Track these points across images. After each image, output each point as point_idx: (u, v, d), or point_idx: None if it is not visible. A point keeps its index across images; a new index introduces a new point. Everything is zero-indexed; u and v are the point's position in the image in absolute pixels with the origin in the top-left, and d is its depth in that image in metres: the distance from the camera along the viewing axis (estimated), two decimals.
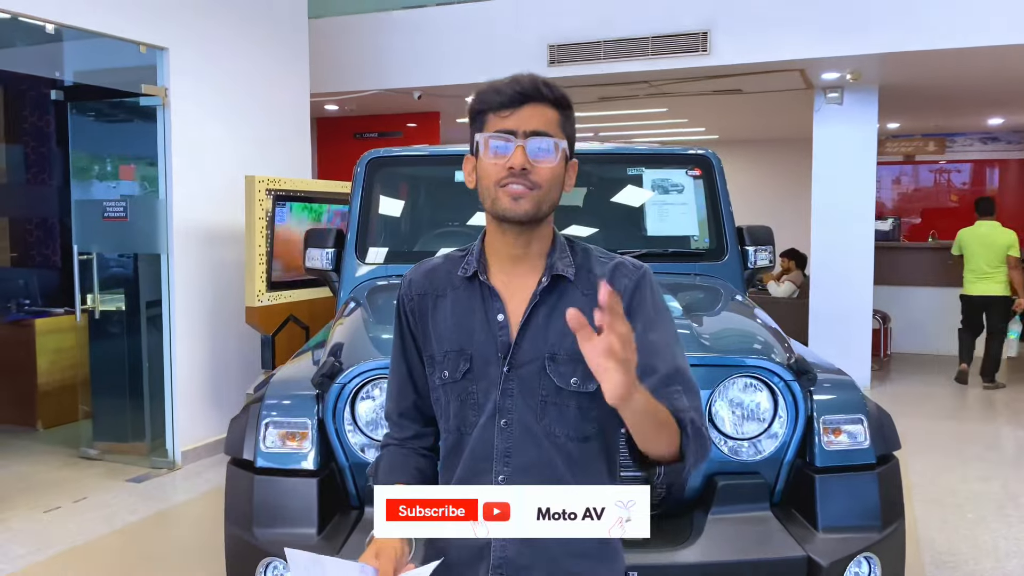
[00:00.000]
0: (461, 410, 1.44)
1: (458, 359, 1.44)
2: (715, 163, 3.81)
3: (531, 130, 1.36)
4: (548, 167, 1.37)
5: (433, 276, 1.51)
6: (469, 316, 1.45)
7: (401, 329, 1.53)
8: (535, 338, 1.41)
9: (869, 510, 2.33)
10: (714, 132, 12.13)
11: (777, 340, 2.64)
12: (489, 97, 1.39)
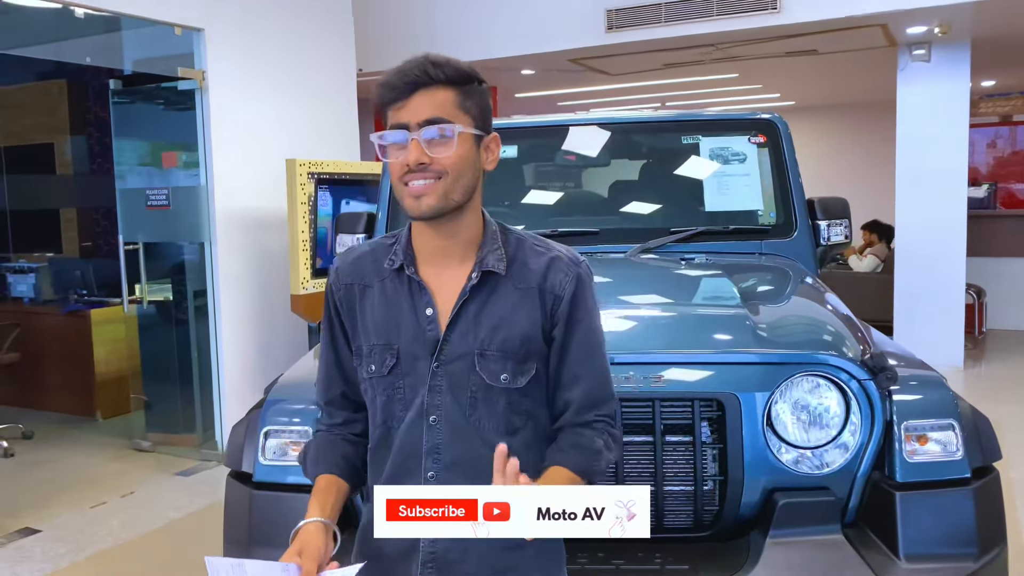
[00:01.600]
0: (388, 405, 1.40)
1: (384, 354, 1.39)
2: (781, 128, 3.42)
3: (423, 119, 1.30)
4: (448, 154, 1.31)
5: (360, 265, 1.45)
6: (396, 309, 1.40)
7: (330, 317, 1.48)
8: (465, 334, 1.37)
9: (963, 535, 1.96)
10: (790, 98, 11.47)
11: (851, 331, 2.27)
12: (381, 93, 1.33)
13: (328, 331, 1.49)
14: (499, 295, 1.37)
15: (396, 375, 1.38)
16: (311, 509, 1.37)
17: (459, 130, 1.31)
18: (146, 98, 5.34)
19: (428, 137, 1.29)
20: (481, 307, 1.37)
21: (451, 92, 1.32)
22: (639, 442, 2.07)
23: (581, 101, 10.28)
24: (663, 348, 2.13)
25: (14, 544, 3.99)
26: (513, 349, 1.37)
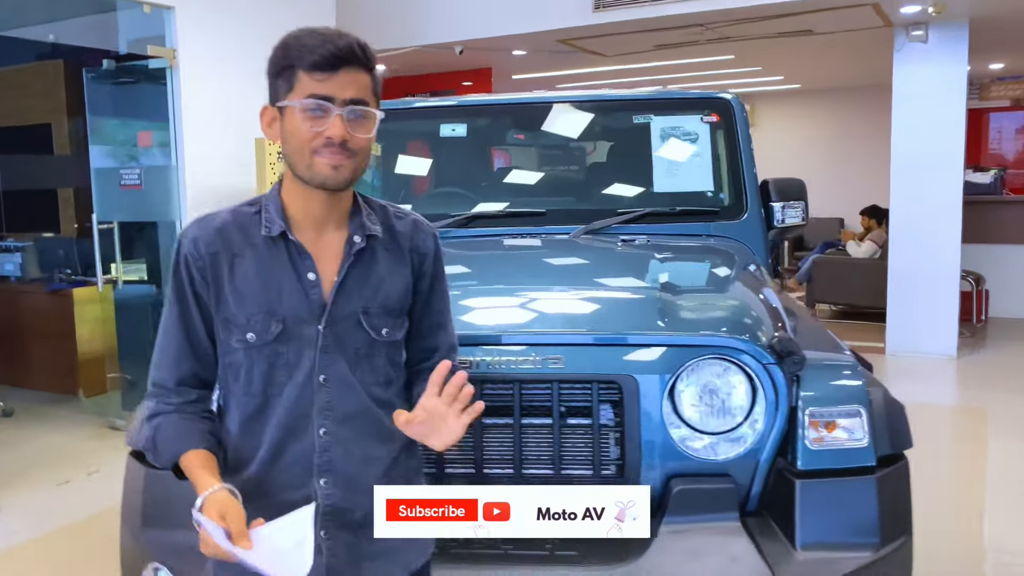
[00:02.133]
0: (270, 372, 1.42)
1: (268, 320, 1.41)
2: (736, 108, 3.33)
3: (349, 98, 1.35)
4: (366, 136, 1.38)
5: (225, 234, 1.43)
6: (277, 276, 1.42)
7: (182, 291, 1.44)
8: (350, 295, 1.44)
9: (864, 524, 1.89)
10: (794, 81, 11.30)
11: (769, 316, 2.20)
12: (301, 54, 1.35)
13: (179, 308, 1.45)
14: (377, 257, 1.47)
15: (280, 341, 1.41)
16: (206, 481, 1.35)
17: (379, 116, 1.38)
18: (118, 77, 5.32)
19: (351, 117, 1.35)
20: (363, 269, 1.45)
21: (369, 77, 1.38)
22: (538, 424, 2.02)
23: (578, 84, 10.17)
24: (564, 329, 2.08)
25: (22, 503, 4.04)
26: (392, 305, 1.47)
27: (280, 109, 1.38)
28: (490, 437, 2.04)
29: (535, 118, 3.47)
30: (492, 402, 2.01)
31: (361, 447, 1.44)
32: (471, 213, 3.15)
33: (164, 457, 1.45)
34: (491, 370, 1.99)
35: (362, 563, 1.47)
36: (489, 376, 2.00)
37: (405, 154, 3.65)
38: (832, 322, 8.73)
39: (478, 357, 2.00)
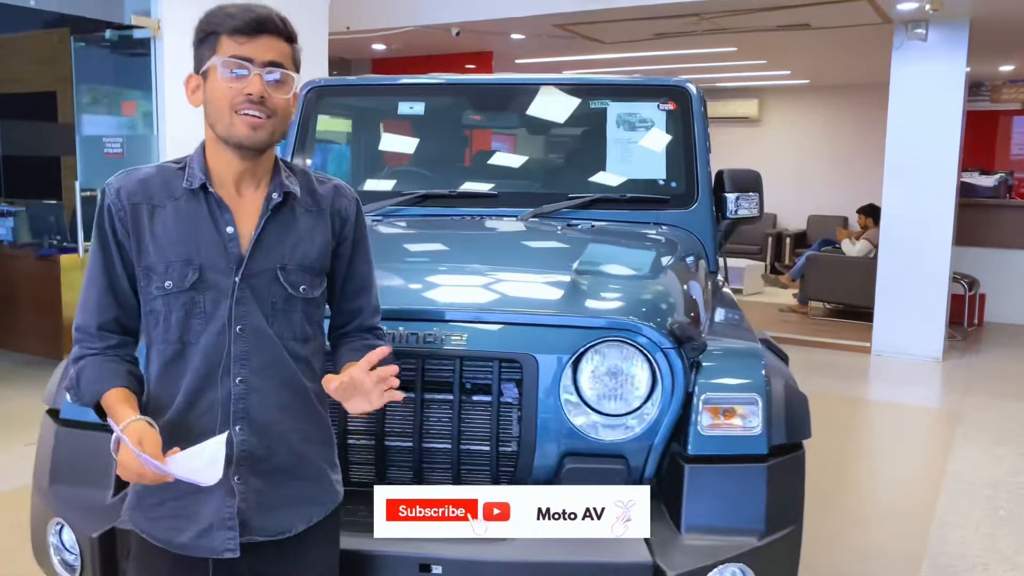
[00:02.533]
0: (185, 319, 1.48)
1: (185, 269, 1.47)
2: (693, 96, 3.31)
3: (268, 60, 1.45)
4: (283, 97, 1.47)
5: (148, 186, 1.50)
6: (196, 227, 1.48)
7: (105, 239, 1.50)
8: (268, 251, 1.51)
9: (750, 511, 1.90)
10: (802, 76, 11.20)
11: (684, 305, 2.21)
12: (223, 20, 1.45)
13: (102, 256, 1.51)
14: (295, 216, 1.55)
15: (197, 289, 1.47)
16: (125, 412, 1.41)
17: (296, 78, 1.49)
18: (103, 46, 5.36)
19: (270, 78, 1.44)
20: (281, 227, 1.53)
21: (289, 47, 1.49)
22: (440, 400, 2.04)
23: (580, 70, 10.14)
24: (471, 307, 2.10)
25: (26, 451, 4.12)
26: (310, 264, 1.55)
27: (203, 75, 1.46)
28: (393, 409, 2.06)
29: (494, 99, 3.48)
30: None
31: (276, 397, 1.51)
32: (421, 193, 3.17)
33: (86, 396, 1.49)
34: (396, 344, 2.01)
35: (269, 511, 1.52)
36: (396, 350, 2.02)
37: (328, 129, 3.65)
38: (823, 320, 8.71)
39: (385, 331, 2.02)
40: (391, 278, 2.32)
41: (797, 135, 12.70)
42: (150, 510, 1.52)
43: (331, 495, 1.62)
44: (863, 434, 5.37)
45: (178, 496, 1.48)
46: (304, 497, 1.56)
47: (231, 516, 1.48)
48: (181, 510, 1.49)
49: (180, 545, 1.49)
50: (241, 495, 1.49)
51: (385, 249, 2.75)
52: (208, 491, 1.44)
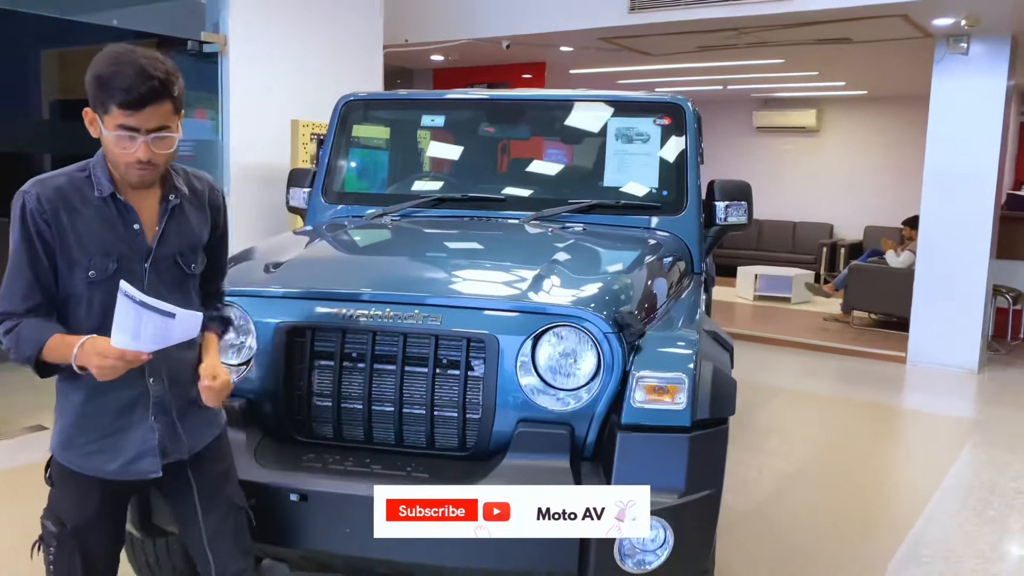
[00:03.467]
0: (106, 300, 1.76)
1: (105, 261, 1.79)
2: (687, 112, 3.63)
3: (153, 127, 1.71)
4: (166, 152, 1.78)
5: (63, 193, 1.80)
6: (110, 227, 1.81)
7: (29, 238, 1.76)
8: (168, 241, 1.88)
9: (671, 473, 2.20)
10: (858, 87, 11.20)
11: (639, 297, 2.54)
12: (114, 92, 1.67)
13: (27, 252, 1.77)
14: (185, 211, 1.92)
15: (116, 277, 1.76)
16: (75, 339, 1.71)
17: (177, 137, 1.78)
18: (178, 58, 5.93)
19: (154, 139, 1.72)
20: (176, 222, 1.90)
21: (171, 104, 1.74)
22: (417, 373, 2.41)
23: (636, 80, 10.40)
24: (447, 293, 2.47)
25: (24, 437, 4.68)
26: (197, 247, 1.95)
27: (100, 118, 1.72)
28: (379, 380, 2.44)
29: (506, 114, 3.85)
30: (382, 350, 2.43)
31: (178, 353, 1.86)
32: (435, 197, 3.56)
33: (28, 348, 1.73)
34: (382, 324, 2.40)
35: (177, 441, 1.92)
36: (380, 328, 2.40)
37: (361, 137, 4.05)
38: (865, 329, 8.77)
39: (373, 312, 2.41)
40: (390, 266, 2.71)
41: (855, 146, 12.67)
42: (80, 448, 1.85)
43: (219, 421, 2.07)
44: (876, 437, 5.51)
45: (104, 436, 1.84)
46: (202, 424, 1.99)
47: (153, 447, 1.87)
48: (108, 446, 1.85)
49: (111, 472, 1.85)
50: (159, 432, 1.87)
51: (391, 243, 3.16)
52: (129, 430, 1.85)
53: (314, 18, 6.08)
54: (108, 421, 1.85)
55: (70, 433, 1.87)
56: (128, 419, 1.86)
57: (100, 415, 1.85)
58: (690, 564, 2.24)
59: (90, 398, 1.83)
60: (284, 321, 2.47)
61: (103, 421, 1.85)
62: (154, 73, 1.69)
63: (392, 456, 2.41)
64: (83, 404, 1.84)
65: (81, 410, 1.85)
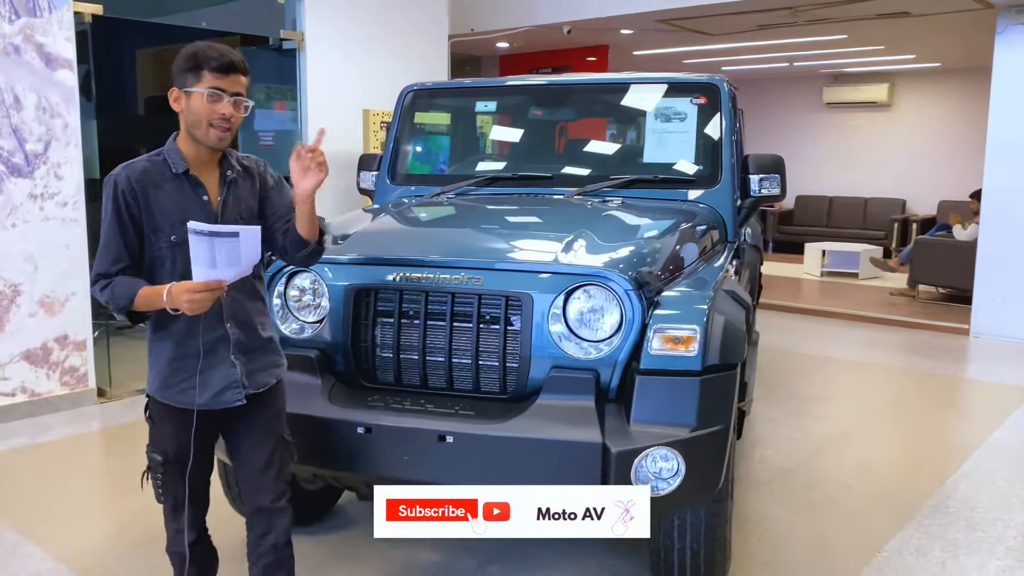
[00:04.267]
0: (184, 260, 2.10)
1: (183, 227, 2.09)
2: (723, 90, 3.88)
3: (235, 91, 2.14)
4: (240, 116, 2.18)
5: (147, 173, 2.19)
6: (186, 198, 2.20)
7: (120, 212, 2.15)
8: (229, 208, 2.25)
9: (684, 411, 2.51)
10: (930, 59, 11.04)
11: (664, 259, 2.85)
12: (207, 60, 2.12)
13: (118, 223, 2.14)
14: (239, 184, 2.28)
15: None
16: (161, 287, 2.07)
17: (251, 104, 2.20)
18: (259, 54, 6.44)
19: (235, 103, 2.15)
20: (234, 192, 2.27)
21: (246, 80, 2.19)
22: (464, 328, 2.78)
23: (702, 59, 10.53)
24: (486, 257, 2.83)
25: (131, 398, 5.27)
26: (252, 212, 2.31)
27: (187, 94, 2.12)
28: (432, 334, 2.81)
29: (552, 98, 4.17)
30: (434, 308, 2.80)
31: (247, 302, 2.27)
32: (488, 175, 3.92)
33: (122, 299, 2.11)
34: (433, 285, 2.77)
35: (251, 376, 2.28)
36: (432, 289, 2.78)
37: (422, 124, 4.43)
38: (931, 303, 8.77)
39: (426, 274, 2.79)
40: (441, 236, 3.09)
41: (928, 119, 12.48)
42: (176, 387, 2.22)
43: (283, 364, 2.42)
44: (927, 402, 5.64)
45: (194, 374, 2.19)
46: (269, 365, 2.34)
47: (236, 380, 2.24)
48: (199, 382, 2.20)
49: (202, 404, 2.21)
50: (239, 367, 2.25)
51: (445, 217, 3.53)
52: (215, 367, 2.21)
53: (384, 13, 6.50)
54: (196, 362, 2.20)
55: (165, 374, 2.23)
56: (212, 358, 2.22)
57: (189, 357, 2.20)
58: (701, 491, 2.55)
59: (180, 343, 2.20)
60: (352, 284, 2.86)
61: (192, 362, 2.21)
62: (236, 54, 2.15)
63: (443, 398, 2.79)
64: (175, 348, 2.21)
65: (173, 354, 2.22)
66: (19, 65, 4.58)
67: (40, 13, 4.63)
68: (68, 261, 4.88)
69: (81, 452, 4.47)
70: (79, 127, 4.86)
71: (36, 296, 4.77)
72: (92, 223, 5.05)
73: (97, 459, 4.48)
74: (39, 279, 4.77)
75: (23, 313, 4.72)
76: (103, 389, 5.21)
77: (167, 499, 2.34)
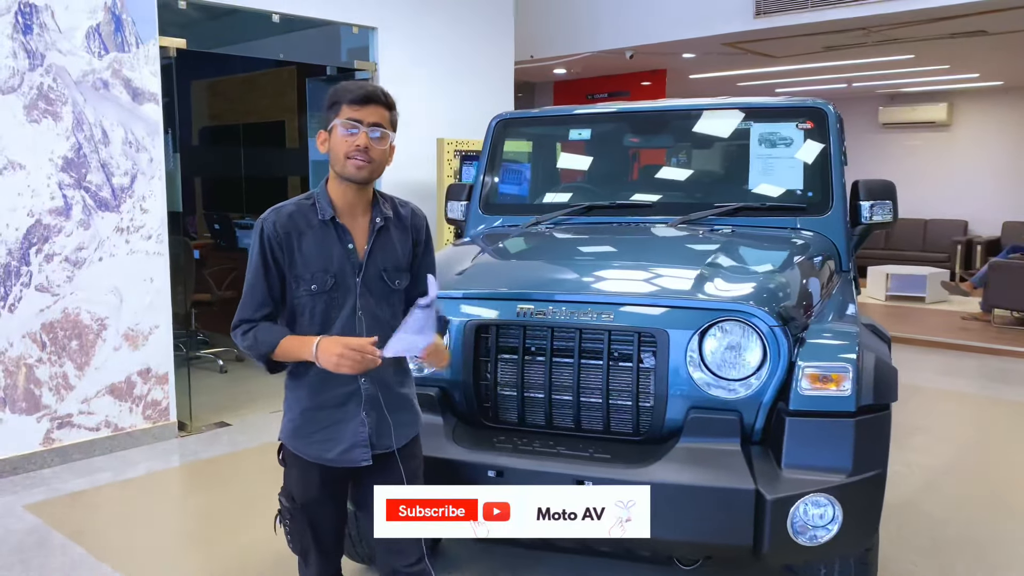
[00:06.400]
0: (326, 311, 2.11)
1: (325, 276, 2.10)
2: (829, 115, 3.75)
3: (372, 122, 2.04)
4: (380, 148, 2.07)
5: (294, 218, 2.12)
6: (329, 246, 2.11)
7: (265, 258, 2.09)
8: (375, 259, 2.15)
9: (840, 455, 2.37)
10: (993, 77, 10.80)
11: (797, 293, 2.71)
12: (344, 94, 2.06)
13: (263, 269, 2.09)
14: (390, 233, 2.18)
15: (333, 289, 2.10)
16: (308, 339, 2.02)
17: (391, 136, 2.10)
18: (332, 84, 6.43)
19: (373, 135, 2.05)
20: (382, 242, 2.16)
21: (387, 112, 2.09)
22: (592, 365, 2.67)
23: (756, 83, 10.39)
24: (617, 291, 2.71)
25: (210, 432, 5.21)
26: (401, 266, 2.20)
27: (329, 131, 2.07)
28: (558, 371, 2.70)
29: (650, 125, 4.07)
30: (560, 344, 2.69)
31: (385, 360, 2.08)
32: (586, 205, 3.81)
33: (264, 346, 2.06)
34: (559, 321, 2.66)
35: (381, 435, 2.15)
36: (558, 324, 2.67)
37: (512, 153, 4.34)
38: (1008, 328, 8.49)
39: (551, 309, 2.68)
40: (560, 269, 2.98)
41: (991, 138, 12.20)
42: (305, 437, 2.14)
43: (418, 422, 2.28)
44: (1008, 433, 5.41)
45: (324, 427, 2.12)
46: (401, 423, 2.20)
47: (364, 439, 2.12)
48: (327, 436, 2.12)
49: (329, 459, 2.13)
50: (369, 426, 2.12)
51: (554, 248, 3.43)
52: (345, 422, 2.11)
53: (454, 42, 6.47)
54: (327, 414, 2.13)
55: (297, 423, 2.16)
56: (343, 413, 2.12)
57: (321, 409, 2.13)
58: (857, 539, 2.40)
59: (312, 395, 2.13)
60: (472, 319, 2.77)
61: (323, 415, 2.13)
62: (375, 86, 2.08)
63: (571, 439, 2.67)
64: (307, 399, 2.14)
65: (307, 404, 2.14)
66: (107, 100, 4.58)
67: (128, 48, 4.64)
68: (151, 294, 4.86)
69: (166, 488, 4.40)
70: (163, 160, 4.85)
71: (121, 329, 4.74)
72: (174, 256, 5.03)
73: (183, 496, 4.41)
74: (124, 312, 4.74)
75: (108, 347, 4.69)
76: (183, 423, 5.17)
77: (295, 544, 2.28)
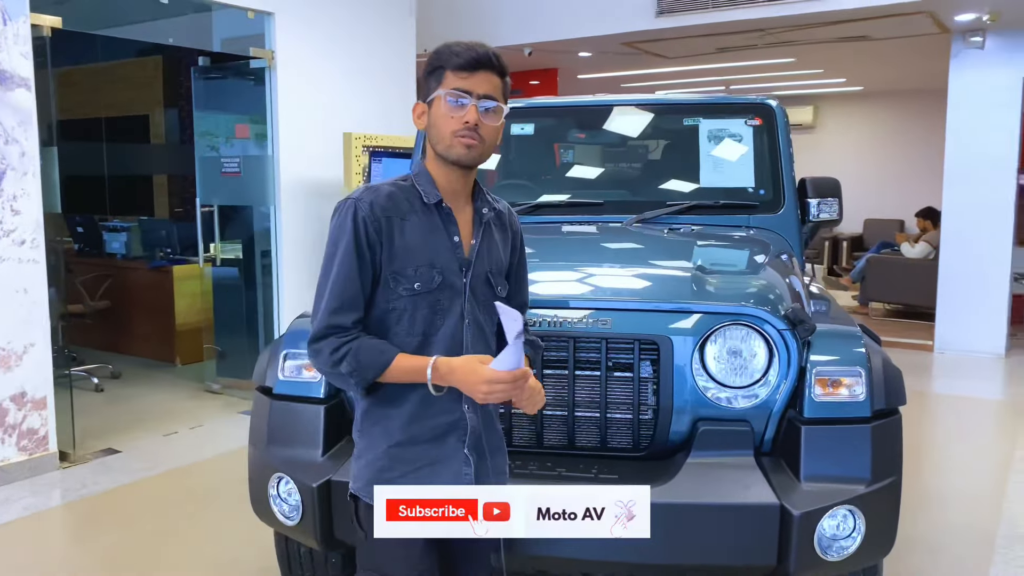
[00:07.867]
0: (429, 316, 1.70)
1: (430, 272, 1.70)
2: (777, 112, 3.70)
3: (484, 93, 1.66)
4: (494, 126, 1.69)
5: (394, 200, 1.72)
6: (435, 236, 1.72)
7: (360, 246, 1.66)
8: (482, 257, 1.77)
9: (858, 463, 2.26)
10: (857, 83, 11.42)
11: (786, 291, 2.59)
12: (449, 57, 1.67)
13: (358, 262, 1.66)
14: (492, 230, 1.82)
15: (440, 289, 1.70)
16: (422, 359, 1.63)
17: (505, 111, 1.71)
18: (222, 75, 5.91)
19: (484, 108, 1.66)
20: (488, 238, 1.80)
21: (501, 81, 1.70)
22: (588, 376, 2.45)
23: (640, 84, 10.51)
24: (612, 297, 2.51)
25: (99, 460, 4.63)
26: (503, 269, 1.84)
27: (429, 103, 1.69)
28: (549, 385, 2.47)
29: (596, 119, 3.90)
30: (550, 354, 2.46)
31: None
32: (537, 202, 3.59)
33: (371, 369, 1.64)
34: (552, 329, 2.43)
35: (483, 479, 1.73)
36: (550, 333, 2.43)
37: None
38: (884, 320, 8.94)
39: (541, 318, 2.44)
40: (541, 275, 2.74)
41: (851, 140, 12.92)
42: (393, 481, 1.68)
43: (507, 471, 1.89)
44: (930, 423, 5.64)
45: (418, 468, 1.70)
46: (500, 472, 1.82)
47: (470, 481, 1.70)
48: (422, 478, 1.69)
49: None
50: (473, 465, 1.72)
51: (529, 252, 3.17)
52: (443, 461, 1.70)
53: (357, 29, 6.09)
54: (422, 451, 1.71)
55: (380, 466, 1.72)
56: (439, 450, 1.72)
57: (413, 445, 1.71)
58: (878, 549, 2.30)
59: (408, 424, 1.71)
60: None
61: (417, 451, 1.71)
62: (488, 47, 1.68)
63: (568, 458, 2.44)
64: (401, 430, 1.72)
65: (398, 437, 1.72)
66: None
67: None
68: (26, 307, 4.24)
69: (52, 531, 3.84)
70: (37, 155, 4.25)
71: None
72: (52, 264, 4.43)
73: (75, 540, 3.85)
74: None
75: None
76: (65, 452, 4.55)
77: None
